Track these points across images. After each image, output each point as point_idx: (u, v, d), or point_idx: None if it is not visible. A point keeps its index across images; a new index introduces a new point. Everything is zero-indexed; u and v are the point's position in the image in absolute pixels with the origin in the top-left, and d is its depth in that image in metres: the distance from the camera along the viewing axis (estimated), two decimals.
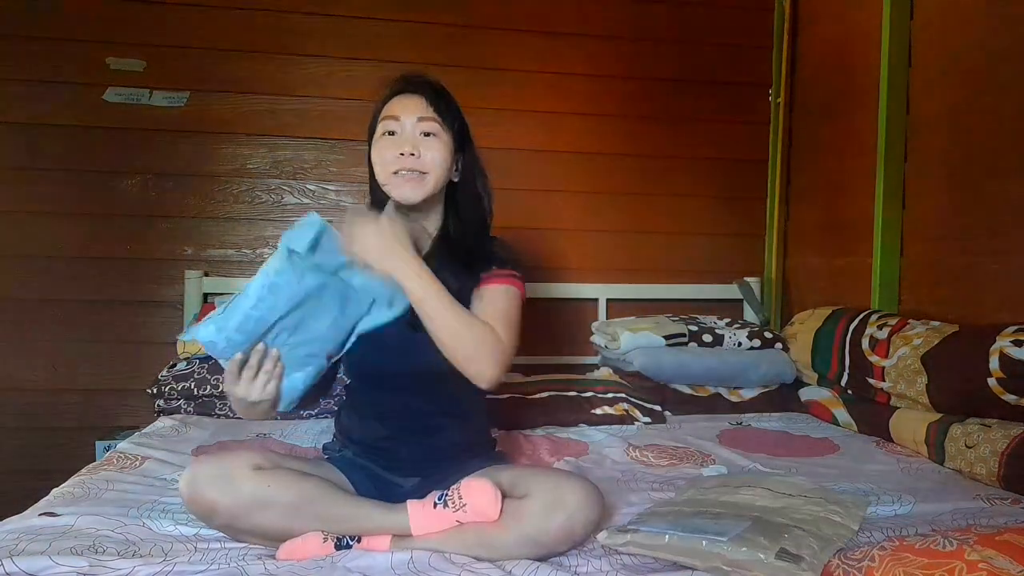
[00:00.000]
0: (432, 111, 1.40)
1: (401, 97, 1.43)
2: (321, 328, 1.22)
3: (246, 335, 1.17)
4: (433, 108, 1.40)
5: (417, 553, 1.19)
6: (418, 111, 1.40)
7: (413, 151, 1.37)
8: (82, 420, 2.58)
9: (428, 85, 1.44)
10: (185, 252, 2.66)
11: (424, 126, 1.39)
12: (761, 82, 3.00)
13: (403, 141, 1.38)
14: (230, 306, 1.18)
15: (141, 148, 2.61)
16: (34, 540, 1.21)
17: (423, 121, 1.39)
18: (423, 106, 1.40)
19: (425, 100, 1.41)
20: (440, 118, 1.41)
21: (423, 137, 1.39)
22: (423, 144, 1.39)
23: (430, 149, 1.39)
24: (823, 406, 2.34)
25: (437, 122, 1.40)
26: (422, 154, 1.38)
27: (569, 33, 2.87)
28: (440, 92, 1.45)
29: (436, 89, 1.44)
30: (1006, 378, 1.66)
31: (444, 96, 1.45)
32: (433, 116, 1.40)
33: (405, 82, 1.45)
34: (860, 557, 1.09)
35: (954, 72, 2.11)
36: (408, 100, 1.42)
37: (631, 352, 2.47)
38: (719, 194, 2.99)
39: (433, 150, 1.39)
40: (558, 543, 1.21)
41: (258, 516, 1.22)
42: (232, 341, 1.17)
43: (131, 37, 2.58)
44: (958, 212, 2.08)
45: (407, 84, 1.45)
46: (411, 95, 1.42)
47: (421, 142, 1.39)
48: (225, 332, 1.16)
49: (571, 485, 1.24)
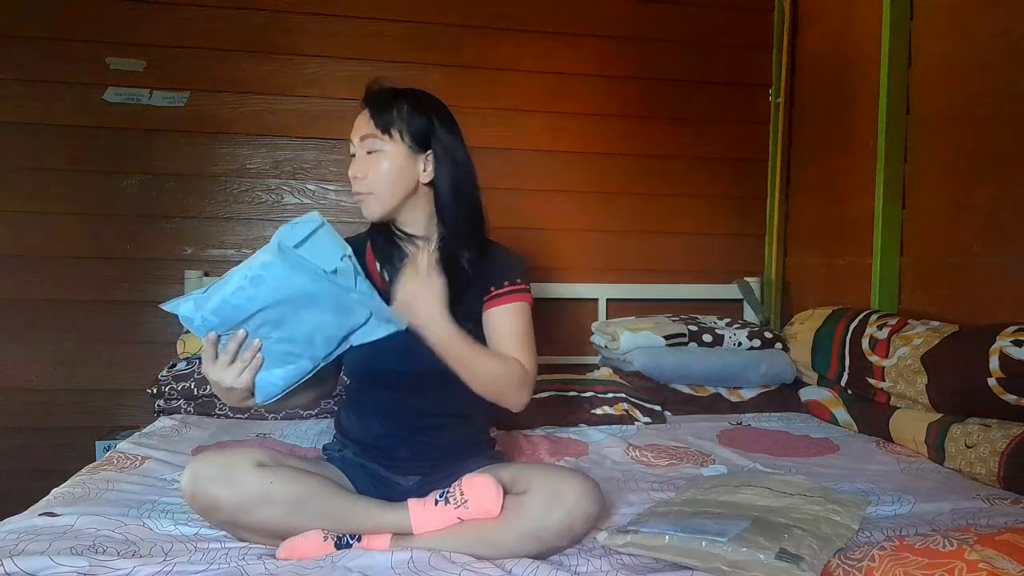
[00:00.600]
0: (372, 126, 1.37)
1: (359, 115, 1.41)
2: (306, 329, 1.21)
3: (222, 319, 1.18)
4: (375, 122, 1.37)
5: (417, 552, 1.19)
6: (360, 130, 1.39)
7: (357, 173, 1.38)
8: (82, 420, 2.58)
9: (373, 97, 1.40)
10: (185, 252, 2.66)
11: (367, 144, 1.38)
12: (761, 82, 3.00)
13: (354, 163, 1.39)
14: (213, 287, 1.18)
15: (141, 148, 2.61)
16: (34, 540, 1.21)
17: (364, 140, 1.38)
18: (364, 123, 1.38)
19: (367, 115, 1.39)
20: (382, 130, 1.37)
21: (368, 156, 1.38)
22: (368, 163, 1.38)
23: (371, 166, 1.37)
24: (823, 406, 2.34)
25: (378, 137, 1.37)
26: (367, 174, 1.38)
27: (569, 33, 2.87)
28: (388, 100, 1.39)
29: (384, 99, 1.39)
30: (1006, 378, 1.66)
31: (393, 104, 1.39)
32: (372, 133, 1.37)
33: (365, 95, 1.42)
34: (860, 557, 1.09)
35: (954, 72, 2.11)
36: (358, 118, 1.40)
37: (631, 352, 2.47)
38: (719, 194, 2.99)
39: (375, 168, 1.37)
40: (558, 538, 1.22)
41: (260, 512, 1.22)
42: (207, 322, 1.18)
43: (131, 37, 2.58)
44: (958, 212, 2.08)
45: (365, 98, 1.42)
46: (361, 112, 1.40)
47: (367, 162, 1.38)
48: (201, 312, 1.18)
49: (571, 480, 1.24)
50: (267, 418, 2.24)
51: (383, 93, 1.41)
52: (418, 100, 1.42)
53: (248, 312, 1.17)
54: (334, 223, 2.99)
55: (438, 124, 1.41)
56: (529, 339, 1.42)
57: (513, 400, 1.38)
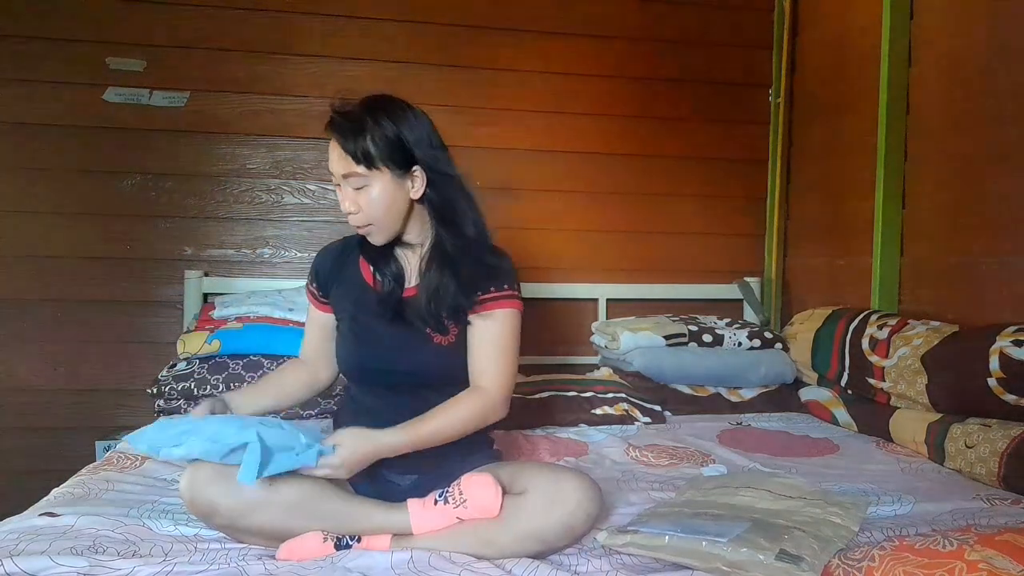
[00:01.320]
0: (351, 161, 1.31)
1: (330, 146, 1.34)
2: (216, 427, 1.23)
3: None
4: (351, 156, 1.31)
5: (417, 553, 1.20)
6: (340, 168, 1.33)
7: (351, 208, 1.35)
8: (82, 420, 2.57)
9: (340, 129, 1.32)
10: (185, 252, 2.66)
11: (351, 181, 1.33)
12: (761, 82, 3.00)
13: (342, 197, 1.35)
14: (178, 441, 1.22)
15: (141, 148, 2.61)
16: (34, 540, 1.21)
17: (347, 178, 1.33)
18: (342, 160, 1.32)
19: (340, 150, 1.32)
20: (362, 164, 1.31)
21: (355, 191, 1.34)
22: (358, 196, 1.34)
23: (362, 199, 1.34)
24: (823, 406, 2.34)
25: (361, 174, 1.32)
26: (360, 207, 1.34)
27: (569, 33, 2.87)
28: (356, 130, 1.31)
29: (351, 129, 1.31)
30: (1006, 378, 1.66)
31: (362, 133, 1.31)
32: (353, 171, 1.31)
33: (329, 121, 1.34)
34: (860, 557, 1.09)
35: (954, 72, 2.11)
36: (332, 152, 1.34)
37: (631, 352, 2.47)
38: (719, 194, 2.99)
39: (366, 199, 1.34)
40: (558, 538, 1.22)
41: (258, 516, 1.22)
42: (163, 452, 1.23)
43: (131, 37, 2.58)
44: (958, 212, 2.08)
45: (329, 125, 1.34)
46: (333, 143, 1.34)
47: (357, 196, 1.34)
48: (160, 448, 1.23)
49: (571, 480, 1.24)
50: None
51: (348, 124, 1.32)
52: (384, 119, 1.33)
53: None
54: (334, 223, 2.99)
55: (410, 139, 1.34)
56: (508, 349, 1.40)
57: (492, 422, 1.42)
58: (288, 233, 2.73)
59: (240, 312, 2.38)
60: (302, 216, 2.74)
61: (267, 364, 2.22)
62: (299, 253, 2.73)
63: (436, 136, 1.39)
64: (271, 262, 2.73)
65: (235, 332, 2.27)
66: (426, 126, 1.38)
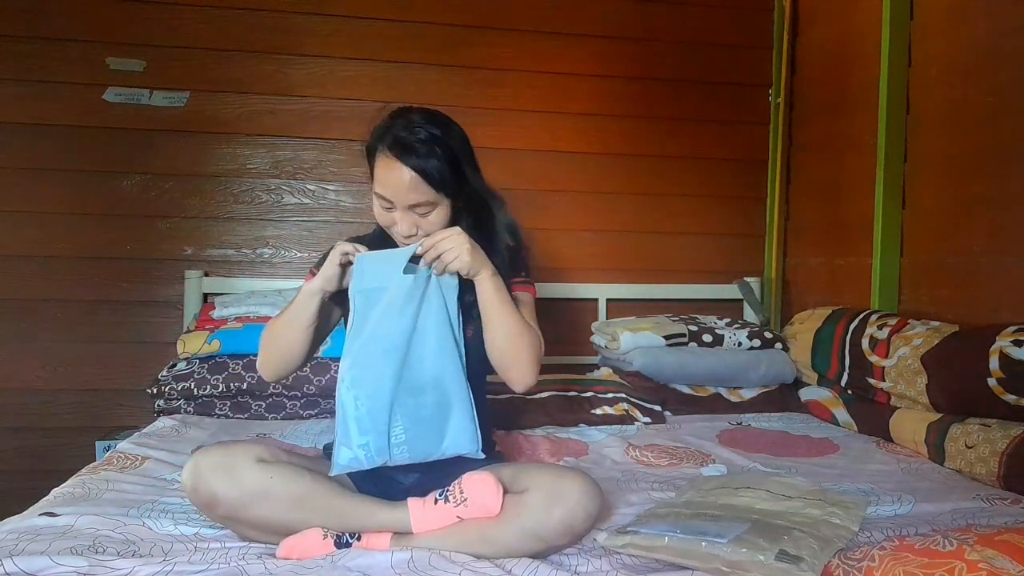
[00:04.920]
0: (425, 189, 1.28)
1: (390, 170, 1.29)
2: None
3: (372, 422, 1.24)
4: (427, 183, 1.28)
5: (417, 552, 1.19)
6: (409, 197, 1.29)
7: (409, 231, 1.33)
8: (82, 420, 2.57)
9: (420, 151, 1.28)
10: (185, 252, 2.66)
11: (418, 210, 1.32)
12: (761, 82, 3.00)
13: (399, 219, 1.32)
14: (341, 422, 1.24)
15: (141, 148, 2.61)
16: (34, 540, 1.21)
17: (415, 206, 1.31)
18: (413, 188, 1.28)
19: (416, 178, 1.28)
20: (434, 192, 1.29)
21: (419, 217, 1.33)
22: (419, 220, 1.33)
23: (426, 221, 1.33)
24: (823, 406, 2.34)
25: (430, 201, 1.30)
26: (419, 228, 1.33)
27: (569, 33, 2.87)
28: (430, 156, 1.28)
29: (429, 150, 1.28)
30: (1006, 378, 1.66)
31: (435, 156, 1.29)
32: (424, 201, 1.30)
33: (395, 144, 1.29)
34: (860, 557, 1.09)
35: (954, 72, 2.11)
36: (398, 179, 1.28)
37: (631, 352, 2.47)
38: (719, 194, 2.99)
39: (428, 223, 1.33)
40: (559, 536, 1.22)
41: (259, 508, 1.22)
42: (367, 449, 1.24)
43: (131, 37, 2.58)
44: (958, 212, 2.08)
45: (397, 148, 1.29)
46: (401, 170, 1.28)
47: (417, 219, 1.33)
48: (355, 446, 1.24)
49: (571, 479, 1.24)
50: (267, 418, 2.24)
51: (426, 150, 1.29)
52: (450, 152, 1.31)
53: (379, 405, 1.23)
54: (334, 223, 2.99)
55: (468, 171, 1.35)
56: (535, 324, 1.43)
57: (526, 368, 1.36)
58: (288, 233, 2.73)
59: (240, 312, 2.38)
60: (302, 216, 2.74)
61: None
62: (299, 253, 2.73)
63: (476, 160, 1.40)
64: (271, 262, 2.73)
65: (235, 332, 2.27)
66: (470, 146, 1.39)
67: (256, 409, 2.24)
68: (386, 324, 1.25)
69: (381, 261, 1.29)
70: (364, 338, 1.26)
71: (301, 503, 1.23)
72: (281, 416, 2.25)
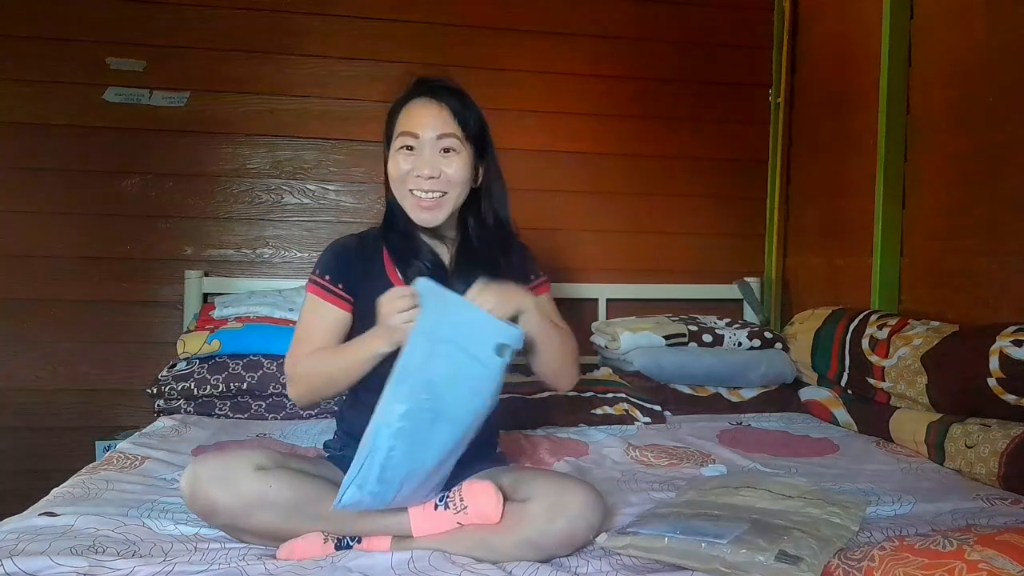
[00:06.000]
0: (454, 124, 1.32)
1: (420, 106, 1.34)
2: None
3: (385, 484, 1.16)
4: (457, 120, 1.32)
5: (417, 553, 1.19)
6: (438, 126, 1.32)
7: (432, 172, 1.32)
8: (82, 420, 2.57)
9: (450, 93, 1.35)
10: (185, 252, 2.66)
11: (445, 142, 1.33)
12: (761, 82, 3.00)
13: (421, 161, 1.32)
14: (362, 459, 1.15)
15: (141, 148, 2.61)
16: (34, 540, 1.21)
17: (444, 138, 1.32)
18: (444, 119, 1.32)
19: (448, 111, 1.32)
20: (462, 131, 1.32)
21: (443, 155, 1.33)
22: (443, 162, 1.33)
23: (450, 167, 1.33)
24: (823, 406, 2.33)
25: (458, 137, 1.32)
26: (442, 173, 1.33)
27: (569, 33, 2.87)
28: (463, 99, 1.36)
29: (459, 97, 1.36)
30: (1006, 378, 1.66)
31: (466, 103, 1.36)
32: (454, 132, 1.32)
33: (426, 87, 1.36)
34: (860, 557, 1.08)
35: (954, 72, 2.11)
36: (427, 111, 1.33)
37: (631, 352, 2.47)
38: (719, 194, 2.99)
39: (453, 167, 1.33)
40: (559, 547, 1.21)
41: (259, 516, 1.22)
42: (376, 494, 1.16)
43: (131, 37, 2.58)
44: (958, 212, 2.08)
45: (428, 89, 1.36)
46: (430, 103, 1.33)
47: (441, 160, 1.33)
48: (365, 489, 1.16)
49: (573, 489, 1.23)
50: (267, 418, 2.24)
51: (457, 90, 1.37)
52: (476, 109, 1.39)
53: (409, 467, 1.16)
54: (334, 223, 2.99)
55: (489, 135, 1.41)
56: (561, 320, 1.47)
57: (572, 372, 1.41)
58: (288, 233, 2.73)
59: (240, 312, 2.38)
60: (302, 216, 2.74)
61: (267, 364, 2.22)
62: (299, 253, 2.73)
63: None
64: (271, 262, 2.73)
65: (235, 332, 2.27)
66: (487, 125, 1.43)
67: (256, 409, 2.24)
68: (457, 394, 1.16)
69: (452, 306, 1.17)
70: (428, 395, 1.15)
71: (299, 510, 1.22)
72: (281, 416, 2.25)
